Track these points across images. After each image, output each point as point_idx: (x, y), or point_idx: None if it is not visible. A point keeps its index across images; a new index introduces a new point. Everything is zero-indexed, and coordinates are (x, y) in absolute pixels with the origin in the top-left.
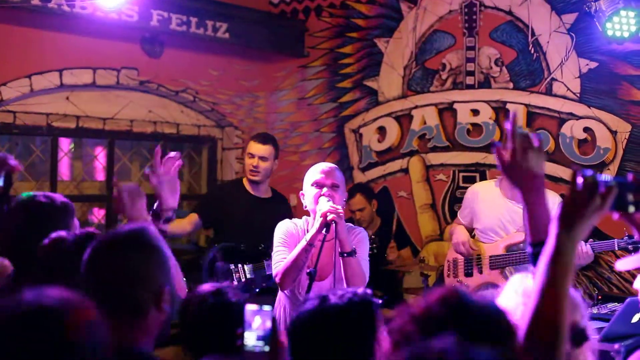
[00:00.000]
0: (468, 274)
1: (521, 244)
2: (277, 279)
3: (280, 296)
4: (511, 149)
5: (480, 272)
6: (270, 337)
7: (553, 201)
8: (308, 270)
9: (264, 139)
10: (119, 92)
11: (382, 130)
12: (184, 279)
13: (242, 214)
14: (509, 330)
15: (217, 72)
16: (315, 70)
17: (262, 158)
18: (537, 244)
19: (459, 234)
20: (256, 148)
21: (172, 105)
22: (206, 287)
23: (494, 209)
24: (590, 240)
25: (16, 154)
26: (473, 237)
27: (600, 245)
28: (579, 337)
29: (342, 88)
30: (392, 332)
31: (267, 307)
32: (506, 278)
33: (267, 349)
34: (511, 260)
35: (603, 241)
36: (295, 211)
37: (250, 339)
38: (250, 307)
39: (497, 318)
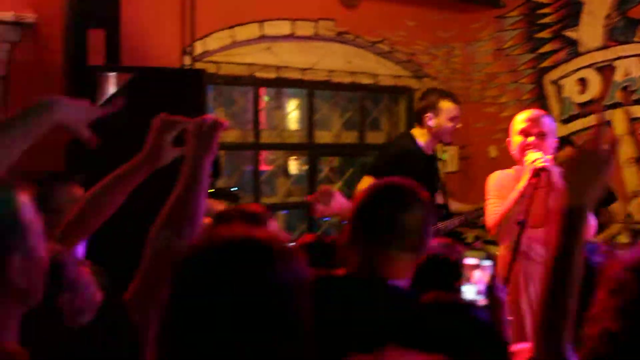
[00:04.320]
0: None
1: None
2: (491, 232)
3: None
4: None
5: None
6: (489, 291)
7: None
8: (519, 221)
9: (457, 97)
10: (317, 43)
11: (583, 82)
12: None
13: (420, 173)
14: None
15: (413, 22)
16: (512, 21)
17: (457, 119)
18: None
19: None
20: (458, 109)
21: (369, 56)
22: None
23: None
24: None
25: (220, 102)
26: None
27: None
28: None
29: (540, 39)
30: (607, 281)
31: (486, 262)
32: None
33: (485, 303)
34: None
35: None
36: (495, 163)
37: (470, 293)
38: (469, 261)
39: None
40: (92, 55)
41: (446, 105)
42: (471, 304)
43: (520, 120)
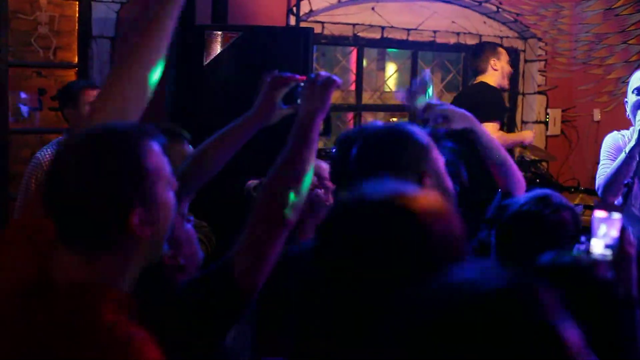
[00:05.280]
0: None
1: None
2: (599, 191)
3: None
4: None
5: None
6: (617, 245)
7: None
8: (625, 181)
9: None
10: (423, 3)
11: None
12: None
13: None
14: None
15: None
16: None
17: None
18: None
19: None
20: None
21: (475, 16)
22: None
23: None
24: None
25: (322, 63)
26: None
27: None
28: None
29: None
30: None
31: (616, 215)
32: None
33: (611, 257)
34: None
35: None
36: (598, 127)
37: (598, 247)
38: (598, 214)
39: None
40: (200, 15)
41: (503, 51)
42: (591, 264)
43: (636, 77)
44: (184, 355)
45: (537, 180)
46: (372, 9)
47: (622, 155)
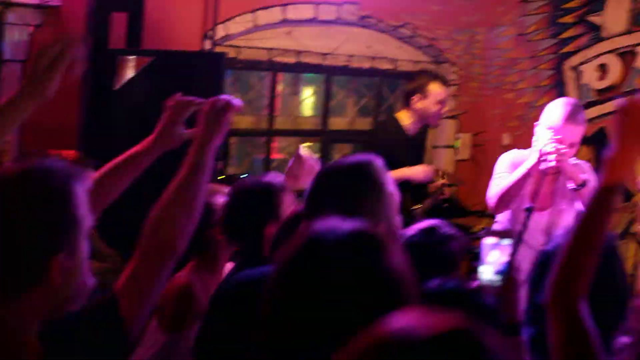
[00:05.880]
0: None
1: None
2: (489, 202)
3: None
4: None
5: None
6: (505, 271)
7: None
8: (526, 207)
9: (445, 81)
10: (339, 28)
11: (603, 68)
12: None
13: (405, 156)
14: None
15: (437, 6)
16: (536, 5)
17: (444, 102)
18: None
19: None
20: (446, 93)
21: (391, 41)
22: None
23: None
24: None
25: (238, 87)
26: None
27: None
28: None
29: (563, 23)
30: (630, 332)
31: (505, 241)
32: None
33: (500, 283)
34: None
35: None
36: (507, 151)
37: (487, 273)
38: (487, 241)
39: None
40: (114, 38)
41: (435, 88)
42: (475, 290)
43: (557, 117)
44: None
45: (446, 204)
46: (289, 33)
47: (521, 169)
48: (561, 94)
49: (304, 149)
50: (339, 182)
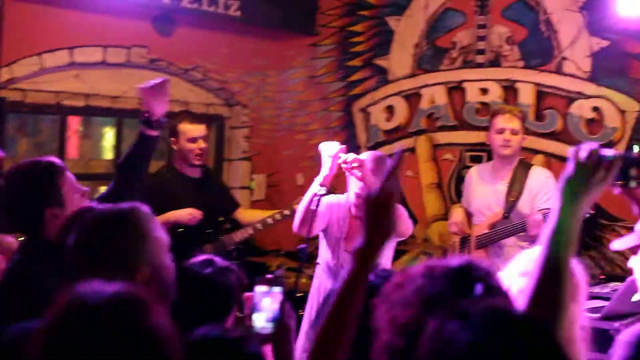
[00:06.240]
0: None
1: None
2: (294, 229)
3: (317, 272)
4: None
5: (469, 252)
6: (278, 319)
7: (545, 175)
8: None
9: (200, 118)
10: (129, 71)
11: (390, 109)
12: None
13: (186, 199)
14: None
15: (227, 50)
16: (325, 49)
17: (204, 138)
18: None
19: (455, 214)
20: (198, 129)
21: (182, 84)
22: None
23: (480, 190)
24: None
25: (25, 132)
26: None
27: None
28: None
29: (351, 67)
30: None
31: (277, 289)
32: (492, 257)
33: (273, 331)
34: (494, 237)
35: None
36: (301, 191)
37: (259, 321)
38: (259, 289)
39: None
40: None
41: (184, 127)
42: (239, 338)
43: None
44: None
45: (242, 245)
46: (77, 76)
47: (313, 187)
48: (351, 135)
49: None
50: (103, 230)
